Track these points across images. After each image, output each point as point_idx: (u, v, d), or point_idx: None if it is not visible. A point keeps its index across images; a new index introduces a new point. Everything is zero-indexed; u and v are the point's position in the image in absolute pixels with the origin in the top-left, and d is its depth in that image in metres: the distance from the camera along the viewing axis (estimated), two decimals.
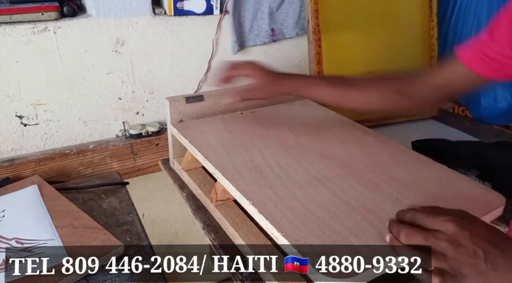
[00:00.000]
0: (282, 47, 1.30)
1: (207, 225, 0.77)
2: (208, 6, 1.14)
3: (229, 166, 0.71)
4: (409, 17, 1.35)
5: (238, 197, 0.65)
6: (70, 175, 1.09)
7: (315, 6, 1.22)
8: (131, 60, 1.12)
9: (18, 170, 1.04)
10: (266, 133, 0.84)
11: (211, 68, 1.22)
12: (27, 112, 1.05)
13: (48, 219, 0.78)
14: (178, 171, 0.93)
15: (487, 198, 0.65)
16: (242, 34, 1.22)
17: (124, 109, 1.16)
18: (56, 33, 1.01)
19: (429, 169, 0.73)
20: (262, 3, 1.21)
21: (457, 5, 1.33)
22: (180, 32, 1.15)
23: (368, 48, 1.32)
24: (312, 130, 0.86)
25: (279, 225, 0.57)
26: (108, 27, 1.06)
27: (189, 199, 0.85)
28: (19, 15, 0.96)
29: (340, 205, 0.62)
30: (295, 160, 0.74)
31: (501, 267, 0.46)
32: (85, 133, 1.13)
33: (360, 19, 1.30)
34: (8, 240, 0.72)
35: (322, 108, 0.99)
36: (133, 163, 1.15)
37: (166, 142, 1.00)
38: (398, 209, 0.56)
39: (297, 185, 0.66)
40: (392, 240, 0.52)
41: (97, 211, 0.86)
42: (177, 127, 0.86)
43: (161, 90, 1.18)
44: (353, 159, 0.75)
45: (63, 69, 1.05)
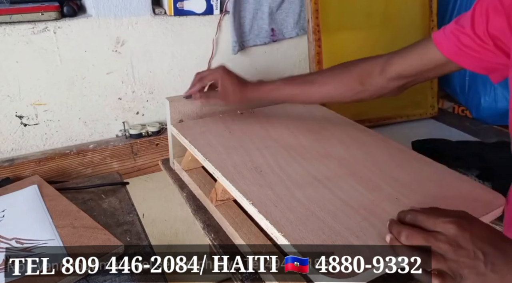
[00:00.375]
0: (282, 47, 1.30)
1: (207, 225, 0.77)
2: (208, 6, 1.14)
3: (229, 166, 0.71)
4: (409, 17, 1.35)
5: (238, 197, 0.65)
6: (70, 175, 1.09)
7: (315, 6, 1.22)
8: (131, 60, 1.12)
9: (18, 170, 1.04)
10: (266, 133, 0.84)
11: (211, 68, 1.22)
12: (27, 112, 1.05)
13: (48, 219, 0.78)
14: (178, 171, 0.94)
15: (487, 198, 0.65)
16: (242, 34, 1.22)
17: (124, 109, 1.16)
18: (56, 33, 1.01)
19: (429, 169, 0.73)
20: (262, 3, 1.21)
21: (457, 5, 1.33)
22: (180, 32, 1.15)
23: (368, 48, 1.32)
24: (312, 130, 0.87)
25: (279, 225, 0.57)
26: (108, 27, 1.06)
27: (189, 199, 0.85)
28: (19, 15, 0.96)
29: (340, 205, 0.62)
30: (295, 160, 0.74)
31: (501, 269, 0.46)
32: (85, 133, 1.13)
33: (360, 19, 1.30)
34: (8, 240, 0.72)
35: (322, 108, 1.00)
36: (133, 163, 1.15)
37: (166, 142, 1.00)
38: (398, 209, 0.56)
39: (297, 185, 0.66)
40: (392, 240, 0.52)
41: (97, 211, 0.86)
42: (177, 127, 0.87)
43: (161, 90, 1.18)
44: (353, 159, 0.75)
45: (63, 69, 1.05)
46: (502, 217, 0.66)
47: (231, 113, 0.93)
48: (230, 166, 0.71)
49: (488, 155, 1.03)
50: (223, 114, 0.92)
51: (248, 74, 1.26)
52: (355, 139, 0.83)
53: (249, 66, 1.27)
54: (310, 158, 0.75)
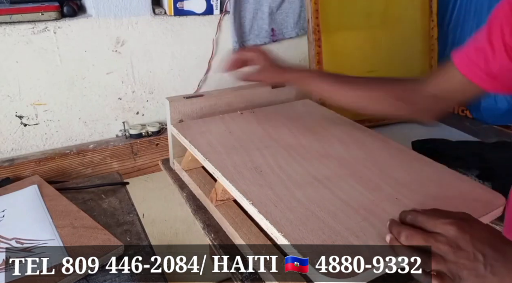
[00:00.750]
0: (282, 47, 1.30)
1: (207, 225, 0.77)
2: (208, 6, 1.14)
3: (229, 166, 0.71)
4: (409, 17, 1.35)
5: (238, 197, 0.65)
6: (70, 175, 1.09)
7: (315, 6, 1.22)
8: (131, 60, 1.12)
9: (18, 170, 1.04)
10: (266, 133, 0.84)
11: (211, 68, 1.21)
12: (27, 112, 1.05)
13: (48, 219, 0.78)
14: (178, 171, 0.93)
15: (487, 198, 0.65)
16: (242, 34, 1.22)
17: (124, 109, 1.16)
18: (56, 33, 1.01)
19: (429, 169, 0.73)
20: (262, 3, 1.21)
21: (457, 5, 1.33)
22: (180, 32, 1.15)
23: (368, 48, 1.32)
24: (312, 130, 0.86)
25: (279, 225, 0.57)
26: (108, 27, 1.06)
27: (189, 199, 0.85)
28: (19, 15, 0.96)
29: (340, 205, 0.62)
30: (295, 160, 0.74)
31: (500, 271, 0.46)
32: (85, 133, 1.13)
33: (360, 19, 1.30)
34: (8, 240, 0.72)
35: (322, 108, 0.99)
36: (133, 163, 1.15)
37: (166, 142, 1.00)
38: (398, 209, 0.56)
39: (297, 185, 0.66)
40: (392, 240, 0.52)
41: (97, 211, 0.86)
42: (177, 127, 0.86)
43: (161, 90, 1.18)
44: (353, 159, 0.75)
45: (63, 69, 1.05)
46: (502, 217, 0.66)
47: (231, 113, 0.93)
48: (230, 166, 0.71)
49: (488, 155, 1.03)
50: (223, 114, 0.92)
51: None
52: (355, 139, 0.83)
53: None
54: (310, 158, 0.75)
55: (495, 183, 0.90)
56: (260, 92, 0.99)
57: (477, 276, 0.46)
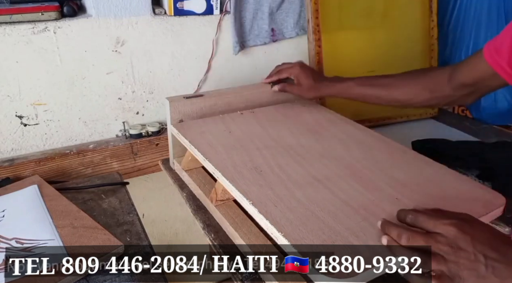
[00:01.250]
0: (282, 47, 1.30)
1: (207, 225, 0.77)
2: (208, 6, 1.14)
3: (229, 166, 0.71)
4: (409, 17, 1.35)
5: (238, 197, 0.65)
6: (70, 175, 1.09)
7: (315, 6, 1.22)
8: (131, 60, 1.12)
9: (18, 170, 1.04)
10: (266, 134, 0.84)
11: (211, 68, 1.22)
12: (27, 112, 1.05)
13: (48, 219, 0.78)
14: (178, 171, 0.94)
15: (487, 198, 0.65)
16: (242, 35, 1.22)
17: (124, 109, 1.16)
18: (56, 33, 1.01)
19: (429, 169, 0.73)
20: (262, 3, 1.21)
21: (457, 5, 1.33)
22: (180, 32, 1.15)
23: (368, 48, 1.32)
24: (312, 130, 0.87)
25: (279, 225, 0.57)
26: (108, 27, 1.06)
27: (189, 199, 0.85)
28: (19, 15, 0.96)
29: (340, 205, 0.62)
30: (295, 160, 0.74)
31: (501, 272, 0.46)
32: (85, 133, 1.13)
33: (360, 19, 1.30)
34: (8, 240, 0.72)
35: (322, 108, 1.00)
36: (133, 163, 1.15)
37: (166, 142, 1.00)
38: (398, 209, 0.56)
39: (297, 185, 0.66)
40: (390, 242, 0.51)
41: (97, 211, 0.86)
42: (177, 127, 0.86)
43: (161, 90, 1.18)
44: (353, 159, 0.75)
45: (63, 69, 1.05)
46: (502, 217, 0.66)
47: (231, 113, 0.93)
48: (230, 166, 0.71)
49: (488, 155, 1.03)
50: (223, 114, 0.92)
51: (248, 74, 1.27)
52: (355, 139, 0.83)
53: (249, 66, 1.27)
54: (310, 158, 0.75)
55: (495, 183, 0.90)
56: (260, 92, 0.99)
57: (478, 276, 0.46)
